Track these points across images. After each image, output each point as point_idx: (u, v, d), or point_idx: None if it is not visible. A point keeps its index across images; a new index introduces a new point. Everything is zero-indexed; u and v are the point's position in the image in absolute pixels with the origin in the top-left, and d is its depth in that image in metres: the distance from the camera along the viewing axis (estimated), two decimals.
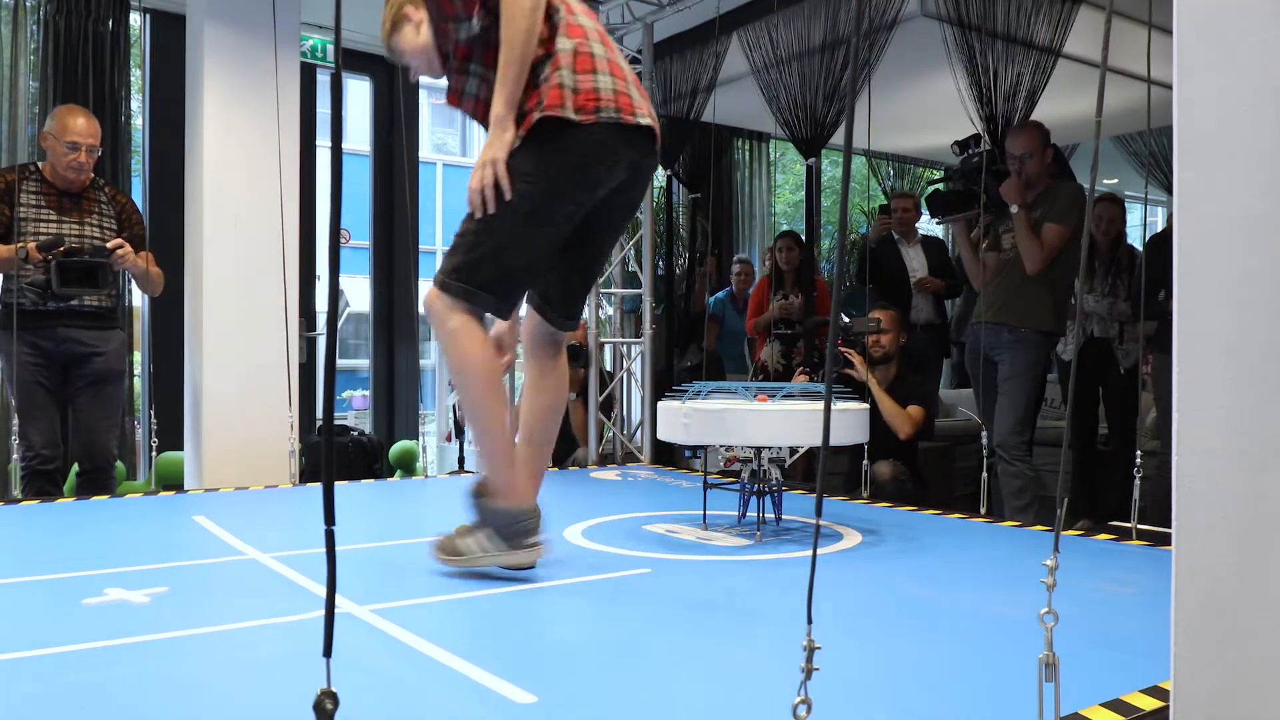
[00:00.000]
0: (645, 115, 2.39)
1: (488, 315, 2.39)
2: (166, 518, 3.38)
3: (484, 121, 2.39)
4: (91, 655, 1.83)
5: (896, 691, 1.67)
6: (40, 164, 3.93)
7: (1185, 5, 1.08)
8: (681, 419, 2.99)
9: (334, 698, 0.83)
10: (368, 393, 15.27)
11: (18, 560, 2.64)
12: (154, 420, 4.08)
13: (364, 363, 14.52)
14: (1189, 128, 1.08)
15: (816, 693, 1.09)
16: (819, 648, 1.06)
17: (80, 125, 3.82)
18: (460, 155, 17.90)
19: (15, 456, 3.75)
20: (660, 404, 3.15)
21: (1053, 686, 1.34)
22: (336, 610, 2.02)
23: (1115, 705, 1.54)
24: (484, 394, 2.33)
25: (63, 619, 2.08)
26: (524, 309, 2.65)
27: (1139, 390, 4.91)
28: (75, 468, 3.99)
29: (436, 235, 16.94)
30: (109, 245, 3.85)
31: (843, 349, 4.32)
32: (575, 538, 3.03)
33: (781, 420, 2.88)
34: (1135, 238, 11.42)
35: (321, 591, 2.27)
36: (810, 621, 1.07)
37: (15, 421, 3.83)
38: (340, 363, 14.74)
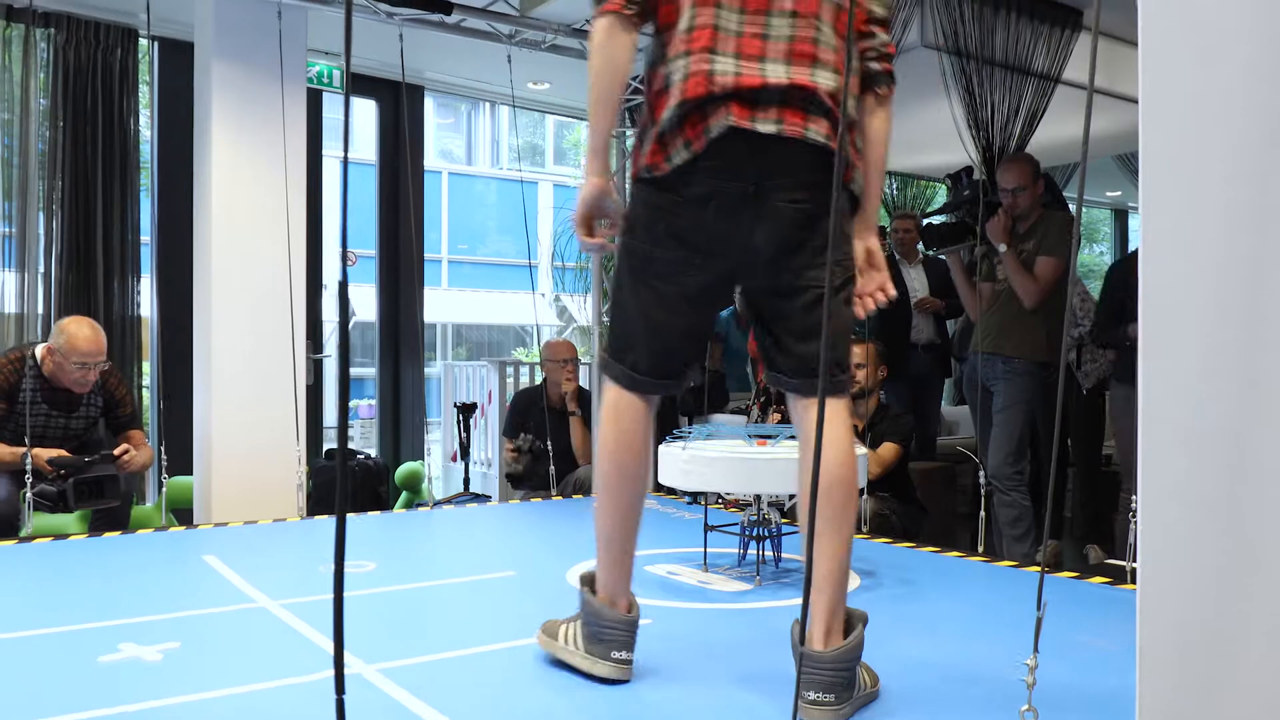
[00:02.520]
0: (767, 121, 1.97)
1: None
2: (177, 557, 3.45)
3: None
4: None
5: None
6: (39, 352, 3.97)
7: (1150, 111, 1.13)
8: (682, 464, 3.05)
9: None
10: (373, 401, 15.31)
11: (33, 609, 2.70)
12: (164, 455, 4.13)
13: (369, 370, 14.58)
14: (1153, 220, 1.13)
15: None
16: None
17: (89, 347, 3.90)
18: (466, 164, 17.98)
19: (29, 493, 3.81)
20: (661, 448, 3.20)
21: None
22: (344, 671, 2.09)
23: None
24: (606, 473, 2.14)
25: (80, 679, 2.14)
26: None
27: (1102, 415, 4.94)
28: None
29: (442, 243, 17.05)
30: (116, 453, 3.95)
31: None
32: (577, 581, 3.08)
33: (780, 468, 2.93)
34: (1136, 243, 11.49)
35: (326, 644, 2.34)
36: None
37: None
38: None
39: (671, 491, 5.11)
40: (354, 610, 2.74)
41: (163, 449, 4.10)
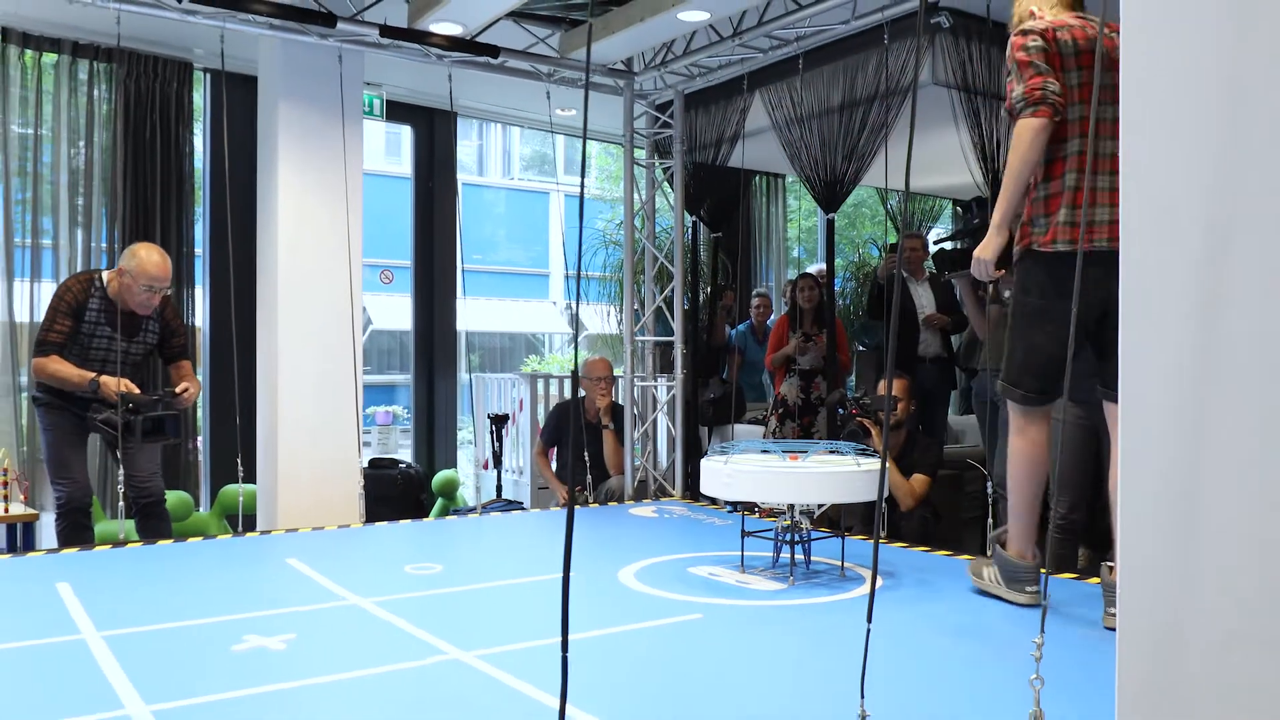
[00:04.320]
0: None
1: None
2: (263, 561, 3.81)
3: None
4: (258, 700, 2.25)
5: None
6: (105, 276, 4.21)
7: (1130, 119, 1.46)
8: (724, 478, 3.41)
9: None
10: (390, 409, 15.64)
11: (155, 607, 3.06)
12: (241, 468, 4.48)
13: (397, 378, 14.88)
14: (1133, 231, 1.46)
15: None
16: (868, 715, 1.47)
17: (158, 271, 4.14)
18: (477, 175, 18.34)
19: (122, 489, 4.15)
20: (704, 463, 3.56)
21: None
22: (446, 657, 2.44)
23: None
24: (1015, 473, 3.10)
25: (220, 665, 2.50)
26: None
27: None
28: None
29: (455, 252, 17.40)
30: (176, 390, 4.19)
31: (860, 419, 4.69)
32: (630, 580, 3.44)
33: (813, 480, 3.29)
34: None
35: (425, 636, 2.69)
36: (863, 695, 1.48)
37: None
38: (373, 378, 15.17)
39: (698, 497, 5.47)
40: (435, 606, 3.11)
41: (238, 461, 4.45)
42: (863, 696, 1.49)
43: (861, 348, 7.76)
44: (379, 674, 2.44)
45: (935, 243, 6.89)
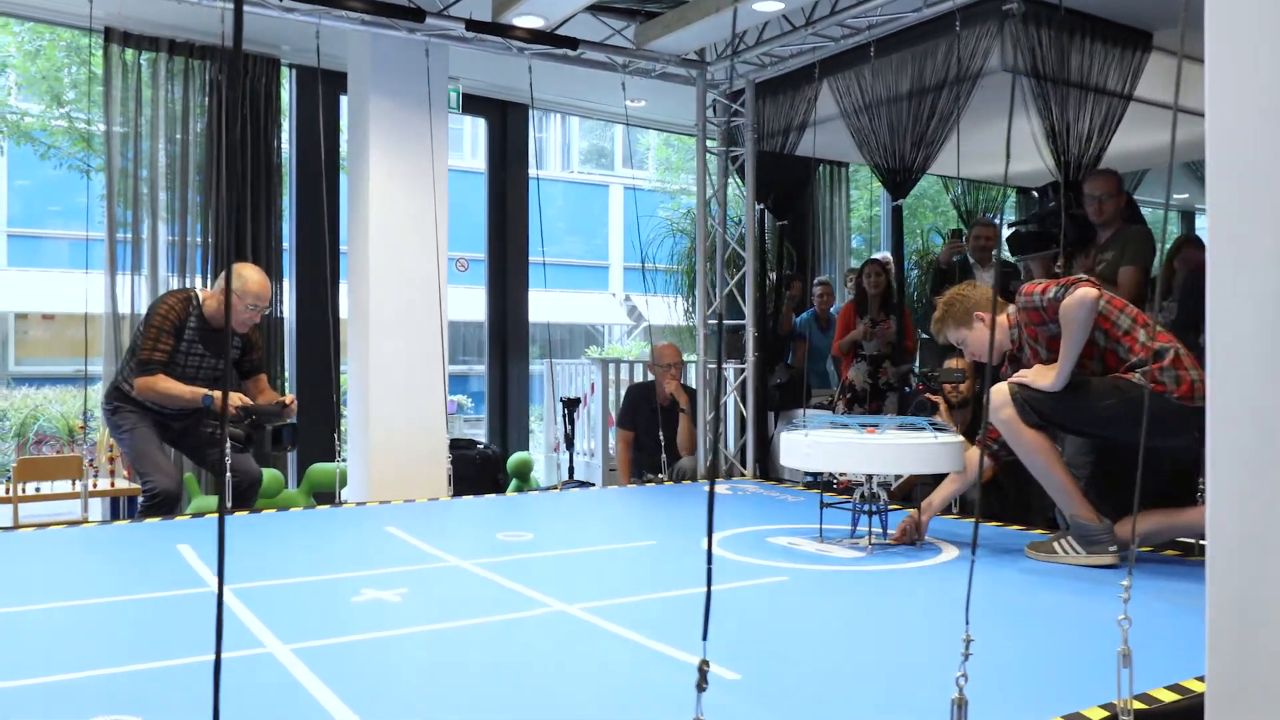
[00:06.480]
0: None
1: None
2: (366, 528, 4.03)
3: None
4: (385, 642, 2.44)
5: (1011, 674, 2.20)
6: (201, 294, 4.37)
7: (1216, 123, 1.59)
8: (804, 450, 3.54)
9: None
10: (455, 398, 15.94)
11: (272, 565, 3.28)
12: (337, 440, 4.70)
13: (462, 368, 15.10)
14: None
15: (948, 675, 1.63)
16: (973, 639, 1.61)
17: (261, 290, 4.31)
18: (535, 167, 18.60)
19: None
20: (783, 436, 3.70)
21: (1128, 673, 1.86)
22: (550, 609, 2.61)
23: (1175, 688, 2.06)
24: (1037, 463, 3.36)
25: (344, 614, 2.69)
26: None
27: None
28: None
29: (527, 245, 17.72)
30: (286, 401, 4.36)
31: (929, 396, 4.79)
32: (714, 549, 3.58)
33: (890, 452, 3.41)
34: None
35: (529, 592, 2.86)
36: (968, 623, 1.61)
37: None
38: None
39: (766, 475, 5.60)
40: (533, 567, 3.29)
41: (336, 435, 4.67)
42: (967, 624, 1.62)
43: (925, 335, 7.84)
44: (491, 622, 2.62)
45: (1009, 225, 6.93)
